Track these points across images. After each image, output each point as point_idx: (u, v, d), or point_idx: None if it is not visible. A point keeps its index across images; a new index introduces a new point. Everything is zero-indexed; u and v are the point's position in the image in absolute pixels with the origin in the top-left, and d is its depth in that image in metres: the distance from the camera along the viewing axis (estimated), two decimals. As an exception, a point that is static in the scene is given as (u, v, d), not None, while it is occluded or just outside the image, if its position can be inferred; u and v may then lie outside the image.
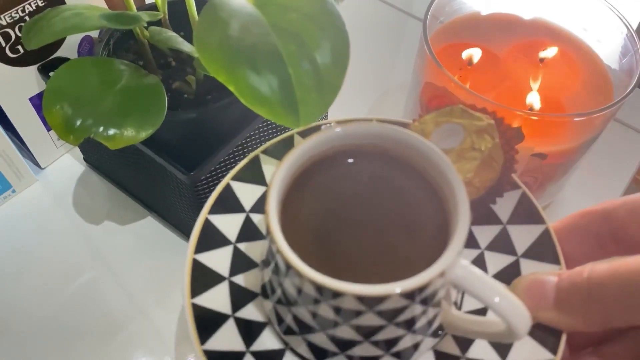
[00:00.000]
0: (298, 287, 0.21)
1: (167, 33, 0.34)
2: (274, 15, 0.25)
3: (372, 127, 0.23)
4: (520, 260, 0.25)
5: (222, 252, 0.25)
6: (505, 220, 0.26)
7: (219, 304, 0.24)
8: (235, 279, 0.25)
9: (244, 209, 0.27)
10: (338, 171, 0.23)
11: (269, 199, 0.21)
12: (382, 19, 0.58)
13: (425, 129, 0.24)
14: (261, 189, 0.27)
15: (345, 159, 0.23)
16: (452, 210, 0.21)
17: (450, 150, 0.24)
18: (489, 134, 0.24)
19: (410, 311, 0.20)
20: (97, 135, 0.30)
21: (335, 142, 0.23)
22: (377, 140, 0.23)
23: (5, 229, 0.41)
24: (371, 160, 0.23)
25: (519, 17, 0.41)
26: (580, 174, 0.44)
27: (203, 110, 0.34)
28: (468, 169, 0.23)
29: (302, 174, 0.23)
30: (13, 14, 0.35)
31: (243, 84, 0.23)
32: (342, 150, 0.23)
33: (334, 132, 0.23)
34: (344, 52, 0.25)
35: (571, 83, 0.38)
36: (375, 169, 0.23)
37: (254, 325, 0.24)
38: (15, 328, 0.37)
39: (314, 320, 0.21)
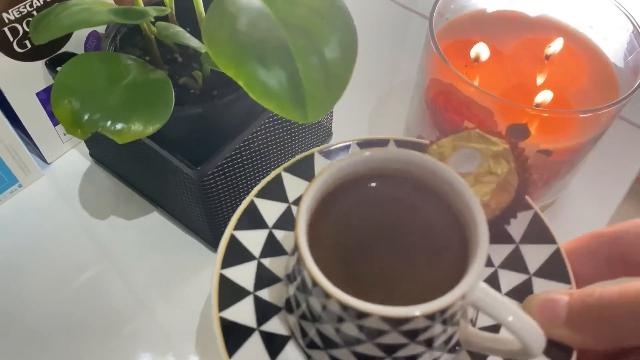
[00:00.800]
0: (323, 304, 0.22)
1: (174, 28, 0.34)
2: (282, 10, 0.25)
3: (394, 152, 0.24)
4: (532, 278, 0.26)
5: (247, 267, 0.26)
6: (518, 240, 0.27)
7: (244, 318, 0.25)
8: (259, 293, 0.26)
9: (267, 225, 0.28)
10: (362, 194, 0.24)
11: (298, 221, 0.22)
12: (387, 16, 0.58)
13: (444, 152, 0.26)
14: (283, 206, 0.28)
15: (369, 183, 0.24)
16: (471, 233, 0.22)
17: (468, 174, 0.25)
18: (504, 159, 0.25)
19: (431, 330, 0.21)
20: (104, 130, 0.30)
21: (359, 167, 0.24)
22: (399, 164, 0.24)
23: (12, 223, 0.42)
24: (393, 184, 0.24)
25: (525, 14, 0.41)
26: (585, 172, 0.44)
27: (209, 106, 0.34)
28: (485, 192, 0.25)
29: (328, 196, 0.24)
30: (21, 8, 0.36)
31: (252, 79, 0.24)
32: (366, 174, 0.24)
33: (359, 157, 0.24)
34: (352, 47, 0.25)
35: (577, 80, 0.38)
36: (397, 192, 0.24)
37: (278, 339, 0.25)
38: (20, 322, 0.37)
39: (338, 336, 0.22)
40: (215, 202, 0.36)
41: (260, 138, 0.37)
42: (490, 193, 0.25)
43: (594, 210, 0.44)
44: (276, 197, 0.28)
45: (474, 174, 0.25)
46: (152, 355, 0.36)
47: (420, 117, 0.40)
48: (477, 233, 0.21)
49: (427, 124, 0.38)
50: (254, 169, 0.38)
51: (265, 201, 0.28)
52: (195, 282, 0.39)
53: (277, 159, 0.40)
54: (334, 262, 0.23)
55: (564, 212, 0.43)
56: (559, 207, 0.43)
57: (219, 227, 0.39)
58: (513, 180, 0.25)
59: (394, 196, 0.24)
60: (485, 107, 0.33)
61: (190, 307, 0.38)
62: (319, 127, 0.44)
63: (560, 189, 0.41)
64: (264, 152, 0.38)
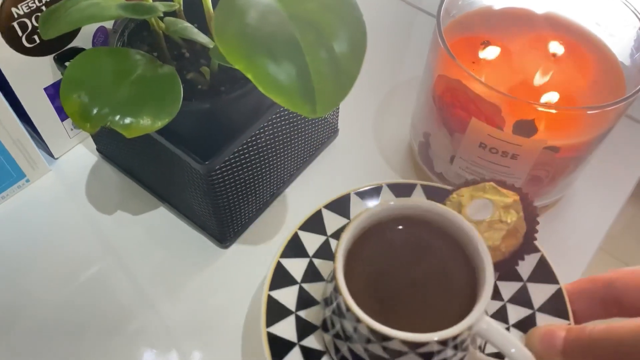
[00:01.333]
0: (354, 327, 0.26)
1: (182, 24, 0.34)
2: (291, 4, 0.25)
3: (418, 202, 0.29)
4: (536, 313, 0.30)
5: (291, 290, 0.31)
6: (525, 279, 0.31)
7: (287, 333, 0.30)
8: (300, 313, 0.31)
9: (308, 254, 0.33)
10: (390, 235, 0.29)
11: (337, 256, 0.26)
12: (392, 13, 0.58)
13: (462, 201, 0.30)
14: (322, 238, 0.34)
15: (397, 225, 0.29)
16: (479, 274, 0.26)
17: (482, 221, 0.29)
18: (514, 209, 0.29)
19: (444, 353, 0.26)
20: (113, 124, 0.30)
21: (388, 213, 0.28)
22: (422, 212, 0.28)
23: (19, 218, 0.42)
24: (417, 227, 0.29)
25: (532, 11, 0.41)
26: (591, 169, 0.44)
27: (217, 101, 0.34)
28: (496, 238, 0.29)
29: (362, 236, 0.28)
30: (30, 3, 0.36)
31: (261, 73, 0.24)
32: (394, 218, 0.29)
33: (388, 206, 0.28)
34: (361, 42, 0.25)
35: (583, 77, 0.38)
36: (419, 234, 0.29)
37: (315, 353, 0.30)
38: (26, 316, 0.37)
39: (366, 354, 0.27)
40: (223, 197, 0.36)
41: (267, 134, 0.37)
42: (501, 239, 0.29)
43: (600, 207, 0.44)
44: (316, 230, 0.34)
45: (487, 221, 0.29)
46: (156, 351, 0.36)
47: (426, 114, 0.40)
48: (485, 275, 0.26)
49: (434, 120, 0.38)
50: (260, 164, 0.38)
51: (306, 233, 0.33)
52: (202, 278, 0.39)
53: (283, 154, 0.40)
54: (365, 291, 0.27)
55: (570, 209, 0.43)
56: (566, 204, 0.43)
57: (226, 222, 0.39)
58: (521, 228, 0.29)
59: (417, 238, 0.29)
60: (493, 103, 0.33)
61: (196, 304, 0.38)
62: (325, 124, 0.44)
63: (566, 186, 0.41)
64: (271, 148, 0.38)
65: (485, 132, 0.34)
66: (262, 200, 0.42)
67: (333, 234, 0.34)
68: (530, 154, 0.35)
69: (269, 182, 0.41)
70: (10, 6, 0.35)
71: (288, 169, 0.42)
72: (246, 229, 0.41)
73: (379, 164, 0.46)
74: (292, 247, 0.33)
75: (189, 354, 0.36)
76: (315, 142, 0.44)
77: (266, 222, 0.42)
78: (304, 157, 0.44)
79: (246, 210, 0.40)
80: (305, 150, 0.43)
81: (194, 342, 0.37)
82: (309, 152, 0.44)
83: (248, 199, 0.39)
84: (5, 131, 0.38)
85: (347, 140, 0.47)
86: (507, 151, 0.35)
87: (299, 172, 0.44)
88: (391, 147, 0.47)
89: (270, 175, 0.40)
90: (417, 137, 0.42)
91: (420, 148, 0.42)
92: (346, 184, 0.44)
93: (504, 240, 0.29)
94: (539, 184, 0.38)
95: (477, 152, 0.36)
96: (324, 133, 0.45)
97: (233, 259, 0.40)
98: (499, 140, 0.34)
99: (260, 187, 0.40)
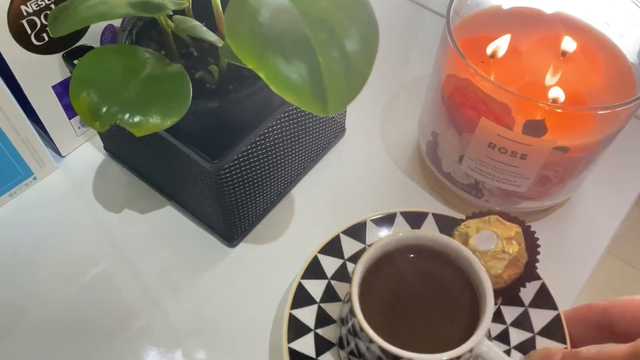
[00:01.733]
0: (367, 346, 0.29)
1: (191, 22, 0.34)
2: (303, 3, 0.25)
3: (427, 233, 0.32)
4: (536, 336, 0.33)
5: (310, 309, 0.34)
6: (527, 304, 0.34)
7: (306, 349, 0.32)
8: (318, 331, 0.33)
9: (326, 276, 0.36)
10: (401, 263, 0.31)
11: (353, 282, 0.29)
12: (398, 12, 0.58)
13: (469, 232, 0.33)
14: (339, 261, 0.36)
15: (408, 254, 0.32)
16: (481, 302, 0.29)
17: (487, 252, 0.32)
18: (516, 241, 0.32)
19: None
20: (122, 122, 0.30)
21: (399, 243, 0.31)
22: (431, 242, 0.31)
23: (26, 216, 0.42)
24: (426, 256, 0.31)
25: (541, 11, 0.41)
26: (599, 170, 0.44)
27: (225, 100, 0.34)
28: (499, 267, 0.31)
29: (376, 263, 0.31)
30: (39, 1, 0.36)
31: (273, 71, 0.24)
32: (405, 247, 0.31)
33: (401, 236, 0.31)
34: (373, 41, 0.25)
35: (593, 77, 0.38)
36: (428, 263, 0.31)
37: None
38: (31, 314, 0.37)
39: None
40: (230, 196, 0.36)
41: (275, 132, 0.37)
42: (503, 268, 0.32)
43: (608, 207, 0.43)
44: (334, 254, 0.36)
45: (491, 252, 0.32)
46: (161, 350, 0.36)
47: (435, 113, 0.40)
48: (485, 302, 0.29)
49: (443, 120, 0.38)
50: (268, 163, 0.38)
51: (325, 257, 0.36)
52: (208, 277, 0.39)
53: (291, 153, 0.40)
54: (378, 314, 0.29)
55: (578, 209, 0.43)
56: (573, 205, 0.43)
57: (233, 221, 0.39)
58: (522, 258, 0.32)
59: (425, 266, 0.31)
60: (503, 103, 0.33)
61: (202, 302, 0.38)
62: (332, 123, 0.44)
63: (575, 186, 0.41)
64: (279, 146, 0.38)
65: (494, 132, 0.34)
66: (269, 199, 0.41)
67: (350, 257, 0.37)
68: (539, 154, 0.34)
69: (276, 181, 0.41)
70: (20, 4, 0.35)
71: (295, 168, 0.42)
72: (253, 228, 0.41)
73: (386, 163, 0.46)
74: (312, 269, 0.35)
75: (194, 352, 0.36)
76: (322, 141, 0.44)
77: (273, 221, 0.42)
78: (311, 156, 0.44)
79: (253, 209, 0.40)
80: (312, 149, 0.43)
81: (199, 341, 0.37)
82: (316, 151, 0.44)
83: (255, 197, 0.39)
84: (13, 129, 0.38)
85: (354, 139, 0.47)
86: (516, 151, 0.35)
87: (306, 171, 0.44)
88: (398, 146, 0.47)
89: (277, 174, 0.40)
90: (425, 137, 0.42)
91: (428, 147, 0.42)
92: (353, 184, 0.44)
93: (506, 269, 0.32)
94: (547, 184, 0.38)
95: (486, 152, 0.36)
96: (331, 132, 0.45)
97: (240, 258, 0.40)
98: (509, 140, 0.34)
99: (268, 186, 0.40)
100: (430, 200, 0.43)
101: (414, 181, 0.45)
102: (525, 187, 0.38)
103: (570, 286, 0.39)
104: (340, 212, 0.42)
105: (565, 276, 0.40)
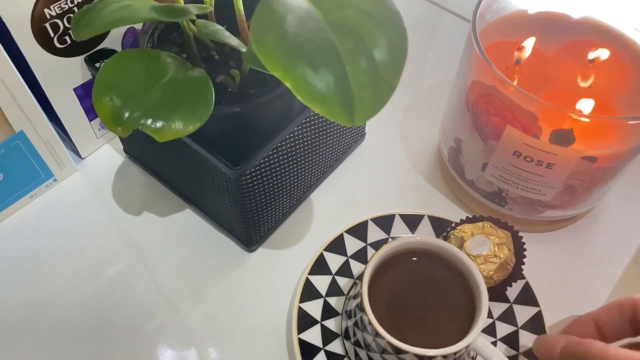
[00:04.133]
0: (373, 339, 0.31)
1: (214, 26, 0.34)
2: (330, 11, 0.25)
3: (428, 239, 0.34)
4: (519, 330, 0.36)
5: (316, 303, 0.37)
6: (512, 301, 0.37)
7: (314, 339, 0.35)
8: (324, 322, 0.36)
9: (331, 272, 0.38)
10: (405, 265, 0.34)
11: (364, 281, 0.32)
12: (417, 13, 0.57)
13: (464, 236, 0.36)
14: (343, 258, 0.39)
15: (411, 257, 0.34)
16: (476, 302, 0.32)
17: (480, 255, 0.35)
18: (506, 246, 0.36)
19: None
20: (145, 128, 0.30)
21: (403, 247, 0.34)
22: (431, 247, 0.34)
23: (46, 217, 0.42)
24: (427, 259, 0.34)
25: (568, 16, 0.40)
26: (625, 179, 0.43)
27: (247, 105, 0.34)
28: (490, 269, 0.35)
29: (382, 265, 0.33)
30: (62, 4, 0.36)
31: (300, 81, 0.23)
32: (408, 251, 0.34)
33: (405, 241, 0.34)
34: (401, 50, 0.24)
35: (622, 85, 0.37)
36: (429, 265, 0.34)
37: (337, 357, 0.35)
38: (50, 314, 0.38)
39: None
40: (251, 201, 0.36)
41: (296, 138, 0.36)
42: (494, 270, 0.35)
43: (634, 216, 0.43)
44: (339, 251, 0.39)
45: (484, 255, 0.35)
46: (177, 352, 0.36)
47: (458, 119, 0.39)
48: (481, 301, 0.31)
49: (467, 126, 0.38)
50: (289, 169, 0.38)
51: (330, 254, 0.38)
52: (226, 280, 0.39)
53: (311, 158, 0.40)
54: (384, 310, 0.32)
55: (603, 218, 0.42)
56: (599, 212, 0.42)
57: (253, 226, 0.38)
58: (510, 261, 0.36)
59: (426, 268, 0.34)
60: (529, 111, 0.32)
61: (219, 306, 0.38)
62: (352, 128, 0.43)
63: (601, 196, 0.40)
64: (300, 152, 0.38)
65: (520, 141, 0.34)
66: (288, 204, 0.41)
67: (352, 254, 0.39)
68: (566, 163, 0.34)
69: (296, 186, 0.40)
70: (43, 7, 0.35)
71: (315, 173, 0.42)
72: (272, 232, 0.41)
73: (407, 168, 0.45)
74: (318, 266, 0.38)
75: (210, 355, 0.36)
76: (342, 145, 0.44)
77: (292, 226, 0.42)
78: (331, 161, 0.43)
79: (273, 214, 0.40)
80: (332, 154, 0.43)
81: (215, 344, 0.37)
82: (335, 156, 0.44)
83: (275, 203, 0.39)
84: (35, 131, 0.38)
85: (374, 144, 0.46)
86: (542, 160, 0.34)
87: (325, 176, 0.44)
88: (419, 151, 0.46)
89: (297, 179, 0.40)
90: (448, 142, 0.42)
91: (450, 153, 0.42)
92: (373, 188, 0.44)
93: (496, 271, 0.35)
94: (573, 193, 0.37)
95: (511, 160, 0.35)
96: (351, 137, 0.44)
97: (258, 263, 0.40)
98: (535, 149, 0.33)
99: (288, 191, 0.40)
100: (451, 206, 0.43)
101: (434, 187, 0.44)
102: (550, 196, 0.37)
103: (596, 295, 0.39)
104: (358, 216, 0.42)
105: (591, 285, 0.39)
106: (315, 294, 0.37)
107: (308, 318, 0.36)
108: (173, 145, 0.35)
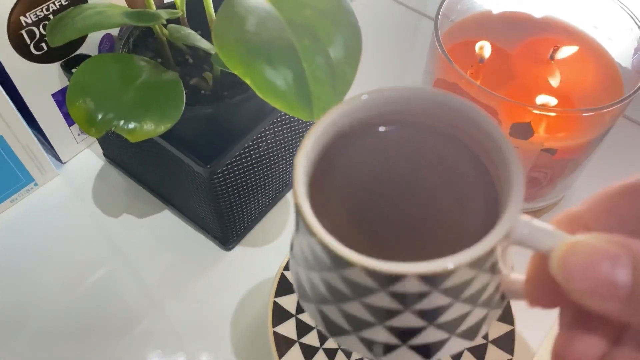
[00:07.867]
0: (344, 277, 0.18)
1: (185, 30, 0.35)
2: (289, 11, 0.26)
3: (406, 90, 0.20)
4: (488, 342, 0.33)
5: (291, 297, 0.36)
6: None
7: (289, 332, 0.35)
8: (299, 316, 0.36)
9: None
10: (369, 142, 0.21)
11: (296, 179, 0.18)
12: (395, 18, 0.58)
13: None
14: None
15: (377, 128, 0.21)
16: (500, 173, 0.19)
17: None
18: None
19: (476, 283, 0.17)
20: (118, 129, 0.31)
21: (363, 112, 0.20)
22: (410, 106, 0.20)
23: (27, 221, 0.43)
24: (402, 127, 0.21)
25: (530, 15, 0.41)
26: (590, 171, 0.44)
27: (219, 106, 0.35)
28: None
29: (330, 148, 0.20)
30: (38, 12, 0.37)
31: (259, 78, 0.24)
32: (374, 119, 0.21)
33: (360, 101, 0.20)
34: (356, 47, 0.25)
35: (581, 80, 0.39)
36: (408, 136, 0.21)
37: (311, 348, 0.35)
38: (33, 319, 0.38)
39: (368, 314, 0.18)
40: (225, 200, 0.37)
41: (268, 137, 0.37)
42: None
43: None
44: None
45: None
46: (163, 353, 0.37)
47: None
48: (509, 171, 0.18)
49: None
50: (262, 168, 0.39)
51: None
52: (206, 279, 0.40)
53: (285, 158, 0.41)
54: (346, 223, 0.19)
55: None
56: (567, 204, 0.44)
57: (229, 225, 0.39)
58: None
59: (405, 142, 0.21)
60: (489, 106, 0.34)
61: (200, 305, 0.39)
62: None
63: (565, 188, 0.41)
64: (272, 151, 0.39)
65: (482, 135, 0.35)
66: (264, 203, 0.42)
67: None
68: (527, 156, 0.35)
69: (271, 185, 0.41)
70: (19, 15, 0.36)
71: (289, 172, 0.43)
72: (249, 231, 0.42)
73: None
74: None
75: (195, 354, 0.37)
76: (317, 145, 0.45)
77: (269, 225, 0.43)
78: (306, 160, 0.45)
79: (249, 213, 0.41)
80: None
81: (199, 343, 0.37)
82: (311, 155, 0.45)
83: (250, 202, 0.40)
84: (14, 137, 0.39)
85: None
86: (504, 153, 0.35)
87: (301, 175, 0.45)
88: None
89: (272, 178, 0.41)
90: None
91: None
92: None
93: None
94: (537, 186, 0.38)
95: (475, 155, 0.37)
96: (325, 137, 0.45)
97: (236, 261, 0.41)
98: (497, 143, 0.35)
99: (262, 190, 0.41)
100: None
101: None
102: (516, 188, 0.38)
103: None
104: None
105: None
106: (290, 288, 0.37)
107: (283, 312, 0.36)
108: (149, 147, 0.37)
